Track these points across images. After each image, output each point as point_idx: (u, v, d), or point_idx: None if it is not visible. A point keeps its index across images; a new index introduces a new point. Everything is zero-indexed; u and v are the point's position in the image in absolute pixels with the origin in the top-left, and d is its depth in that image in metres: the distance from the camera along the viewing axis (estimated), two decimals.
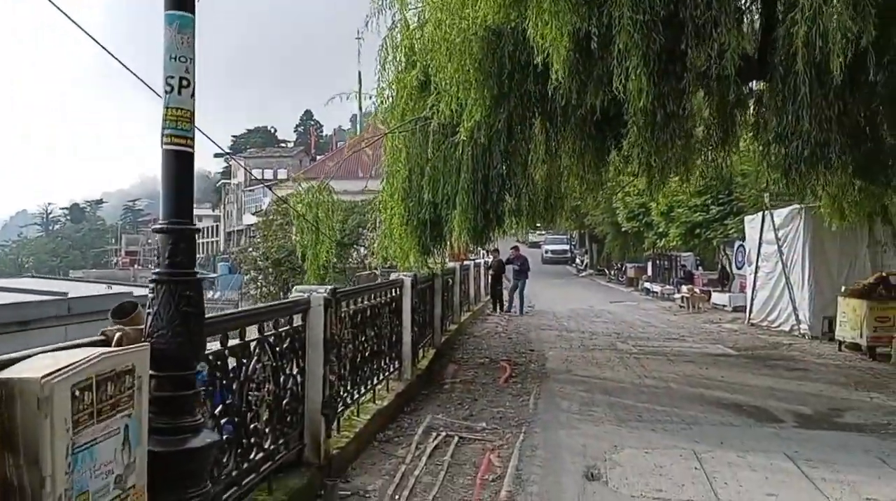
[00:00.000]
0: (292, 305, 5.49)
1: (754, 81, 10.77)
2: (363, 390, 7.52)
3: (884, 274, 13.78)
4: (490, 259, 22.98)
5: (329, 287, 5.76)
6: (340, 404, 6.63)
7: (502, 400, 9.51)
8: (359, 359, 7.27)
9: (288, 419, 5.30)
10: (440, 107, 9.74)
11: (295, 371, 5.44)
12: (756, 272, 19.80)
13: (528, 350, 14.40)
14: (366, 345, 7.57)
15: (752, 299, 20.13)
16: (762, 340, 16.35)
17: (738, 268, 27.11)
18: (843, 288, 14.54)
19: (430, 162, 10.18)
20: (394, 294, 9.08)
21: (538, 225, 15.13)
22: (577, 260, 55.78)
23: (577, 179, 12.38)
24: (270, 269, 39.47)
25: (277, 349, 5.09)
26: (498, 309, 22.29)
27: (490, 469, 6.43)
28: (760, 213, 19.61)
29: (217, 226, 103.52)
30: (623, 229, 35.06)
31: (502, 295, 22.53)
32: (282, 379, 5.17)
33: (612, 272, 44.26)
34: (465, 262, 21.61)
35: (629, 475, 6.24)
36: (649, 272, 36.79)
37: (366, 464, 6.53)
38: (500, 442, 7.31)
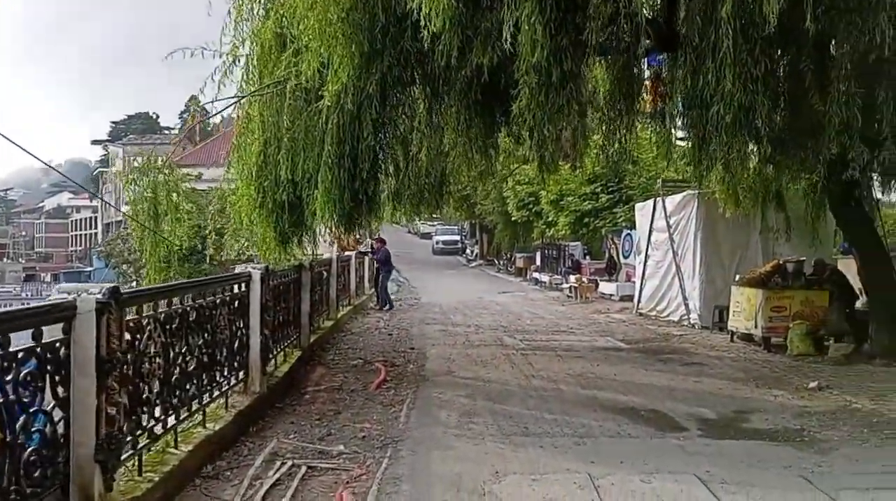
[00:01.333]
0: (43, 312, 3.89)
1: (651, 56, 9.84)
2: (186, 413, 5.97)
3: (780, 261, 13.23)
4: (373, 248, 21.43)
5: (107, 285, 4.20)
6: (145, 437, 5.08)
7: (370, 411, 8.14)
8: (176, 376, 5.70)
9: (37, 473, 3.73)
10: (301, 67, 8.23)
11: (50, 404, 3.88)
12: (646, 261, 19.23)
13: (409, 348, 13.07)
14: (188, 358, 6.00)
15: (641, 288, 19.59)
16: (652, 331, 15.67)
17: (626, 257, 26.98)
18: (736, 277, 13.96)
19: (289, 132, 8.60)
20: (237, 291, 7.51)
21: (422, 212, 13.88)
22: (468, 251, 55.04)
23: (464, 160, 11.10)
24: (141, 262, 36.72)
25: (10, 377, 3.51)
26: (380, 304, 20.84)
27: None
28: (652, 200, 19.06)
29: (95, 217, 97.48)
30: (513, 218, 34.37)
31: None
32: (22, 420, 3.60)
33: (502, 262, 43.67)
34: (346, 253, 20.13)
35: None
36: (538, 262, 36.27)
37: None
38: (359, 472, 5.93)
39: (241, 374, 7.65)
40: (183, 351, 5.87)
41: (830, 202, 12.37)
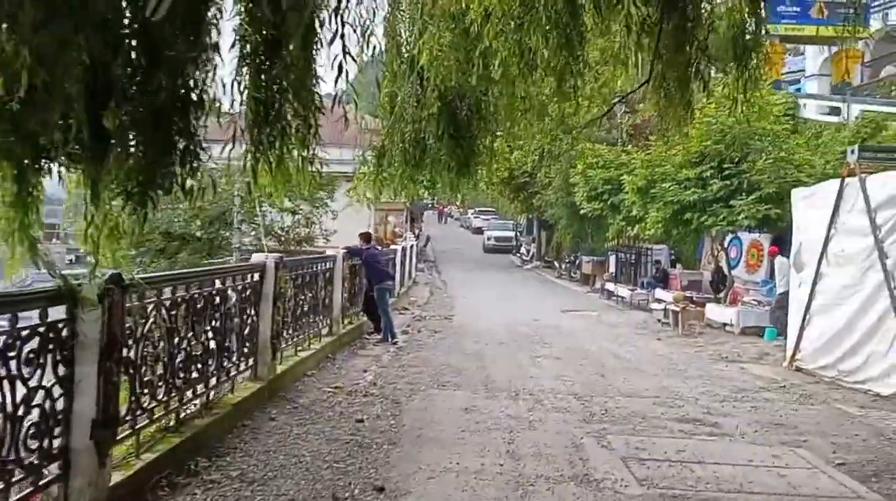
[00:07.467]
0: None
1: None
2: None
3: None
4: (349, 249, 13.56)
5: None
6: None
7: None
8: None
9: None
10: None
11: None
12: (814, 284, 11.60)
13: (373, 489, 5.71)
14: None
15: (803, 326, 11.94)
16: (874, 430, 8.07)
17: (732, 269, 20.07)
18: None
19: None
20: None
21: (438, 183, 6.56)
22: (523, 249, 47.17)
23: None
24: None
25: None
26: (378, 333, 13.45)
27: None
28: (829, 184, 11.47)
29: None
30: (581, 211, 26.58)
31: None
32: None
33: (563, 265, 35.80)
34: (319, 253, 12.90)
35: None
36: (611, 268, 28.59)
37: None
38: None
39: None
40: None
41: None
